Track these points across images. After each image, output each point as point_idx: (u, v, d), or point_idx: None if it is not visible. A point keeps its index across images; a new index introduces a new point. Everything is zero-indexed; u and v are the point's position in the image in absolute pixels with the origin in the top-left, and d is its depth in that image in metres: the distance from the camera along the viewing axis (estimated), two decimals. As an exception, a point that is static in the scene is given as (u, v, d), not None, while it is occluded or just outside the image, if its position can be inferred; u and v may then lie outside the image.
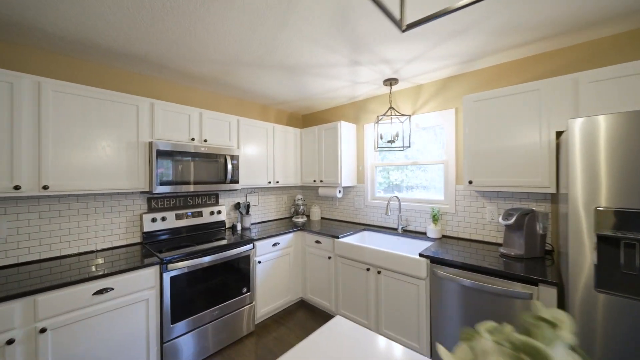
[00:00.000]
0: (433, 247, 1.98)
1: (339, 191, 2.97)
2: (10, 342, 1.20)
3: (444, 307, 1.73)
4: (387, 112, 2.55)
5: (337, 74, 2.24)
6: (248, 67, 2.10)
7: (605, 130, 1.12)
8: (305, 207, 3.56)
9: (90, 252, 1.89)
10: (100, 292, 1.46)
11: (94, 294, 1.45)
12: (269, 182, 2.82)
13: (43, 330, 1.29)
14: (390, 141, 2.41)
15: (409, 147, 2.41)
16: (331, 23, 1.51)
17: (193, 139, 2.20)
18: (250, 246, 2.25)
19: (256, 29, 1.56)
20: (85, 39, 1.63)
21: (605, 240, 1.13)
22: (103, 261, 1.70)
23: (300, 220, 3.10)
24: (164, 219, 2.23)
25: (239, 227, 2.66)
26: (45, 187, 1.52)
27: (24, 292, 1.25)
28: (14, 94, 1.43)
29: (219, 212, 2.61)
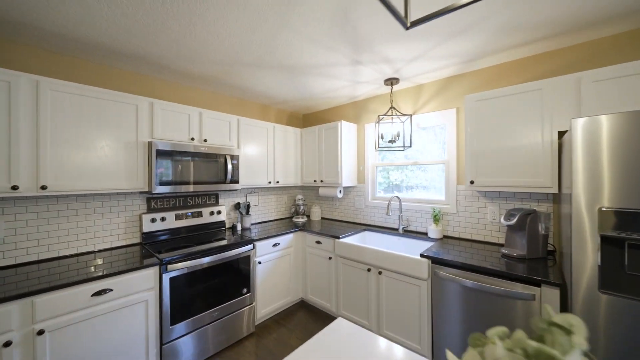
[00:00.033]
0: (434, 248, 1.97)
1: (340, 191, 2.95)
2: (8, 344, 1.19)
3: (446, 308, 1.72)
4: (388, 112, 2.54)
5: (337, 74, 2.23)
6: (248, 67, 2.08)
7: (609, 129, 1.11)
8: (306, 207, 3.54)
9: (89, 253, 1.88)
10: (99, 293, 1.45)
11: (93, 295, 1.43)
12: (269, 182, 2.80)
13: (41, 332, 1.27)
14: (391, 141, 2.40)
15: (409, 147, 2.40)
16: (332, 23, 1.49)
17: (193, 138, 2.18)
18: (250, 246, 2.23)
19: (256, 29, 1.55)
20: (84, 37, 1.62)
21: (609, 241, 1.12)
22: (102, 262, 1.69)
23: (300, 221, 3.09)
24: (163, 219, 2.21)
25: (239, 227, 2.65)
26: (44, 188, 1.51)
27: (21, 293, 1.24)
28: (12, 93, 1.41)
29: (219, 212, 2.59)
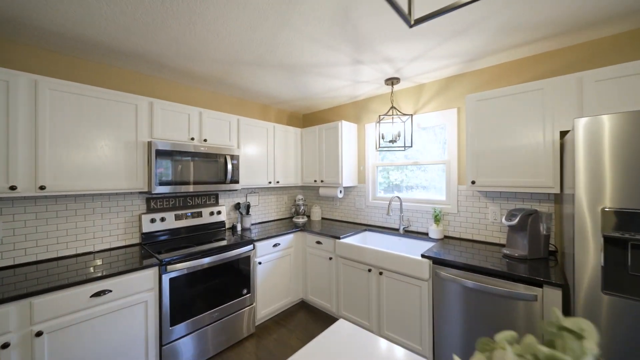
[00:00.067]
0: (435, 248, 1.96)
1: (340, 191, 2.94)
2: (6, 346, 1.18)
3: (447, 308, 1.71)
4: (388, 112, 2.53)
5: (338, 73, 2.22)
6: (248, 66, 2.07)
7: (612, 129, 1.10)
8: (306, 207, 3.53)
9: (88, 254, 1.87)
10: (98, 294, 1.44)
11: (92, 296, 1.42)
12: (269, 182, 2.79)
13: (39, 334, 1.26)
14: (391, 141, 2.39)
15: (410, 147, 2.39)
16: (332, 22, 1.49)
17: (193, 138, 2.17)
18: (250, 247, 2.22)
19: (257, 28, 1.54)
20: (83, 36, 1.61)
21: (612, 242, 1.11)
22: (101, 262, 1.68)
23: (300, 221, 3.08)
24: (163, 219, 2.20)
25: (239, 227, 2.64)
26: (42, 188, 1.49)
27: (19, 294, 1.22)
28: (10, 93, 1.40)
29: (219, 212, 2.58)
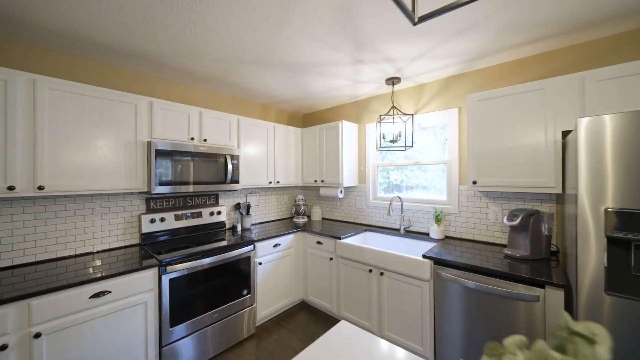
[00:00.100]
0: (436, 248, 1.95)
1: (341, 191, 2.93)
2: (3, 348, 1.17)
3: (448, 309, 1.70)
4: (389, 112, 2.52)
5: (339, 73, 2.21)
6: (248, 66, 2.06)
7: (616, 129, 1.09)
8: (306, 207, 3.53)
9: (88, 254, 1.85)
10: (97, 295, 1.43)
11: (91, 297, 1.41)
12: (270, 182, 2.78)
13: (37, 335, 1.25)
14: (392, 141, 2.38)
15: (411, 146, 2.38)
16: (333, 21, 1.48)
17: (193, 138, 2.16)
18: (250, 247, 2.21)
19: (257, 26, 1.53)
20: (82, 35, 1.60)
21: (615, 242, 1.10)
22: (100, 263, 1.67)
23: (301, 221, 3.06)
24: (162, 219, 2.19)
25: (239, 227, 2.63)
26: (41, 188, 1.48)
27: (17, 296, 1.21)
28: (8, 92, 1.39)
29: (219, 212, 2.57)
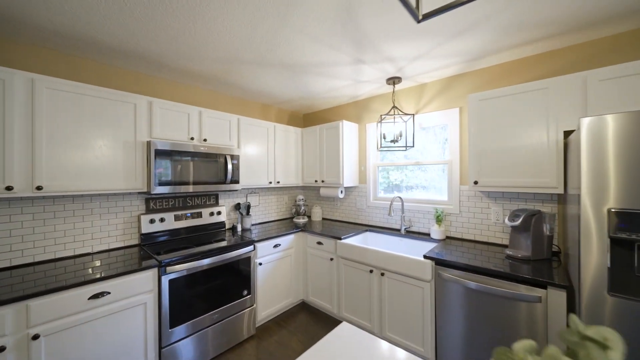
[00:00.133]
0: (437, 249, 1.95)
1: (341, 191, 2.92)
2: (1, 349, 1.15)
3: (449, 310, 1.69)
4: (390, 111, 2.51)
5: (339, 73, 2.20)
6: (249, 65, 2.05)
7: (618, 129, 1.08)
8: (307, 207, 3.52)
9: (87, 255, 1.84)
10: (96, 296, 1.41)
11: (90, 299, 1.40)
12: (270, 183, 2.77)
13: (36, 337, 1.24)
14: (393, 141, 2.37)
15: (412, 146, 2.37)
16: (334, 21, 1.47)
17: (192, 138, 2.15)
18: (250, 248, 2.20)
19: (257, 26, 1.52)
20: (82, 34, 1.58)
21: (618, 243, 1.09)
22: (99, 264, 1.65)
23: (301, 221, 3.05)
24: (162, 220, 2.18)
25: (239, 228, 2.62)
26: (39, 188, 1.47)
27: (15, 297, 1.20)
28: (6, 91, 1.38)
29: (219, 212, 2.56)
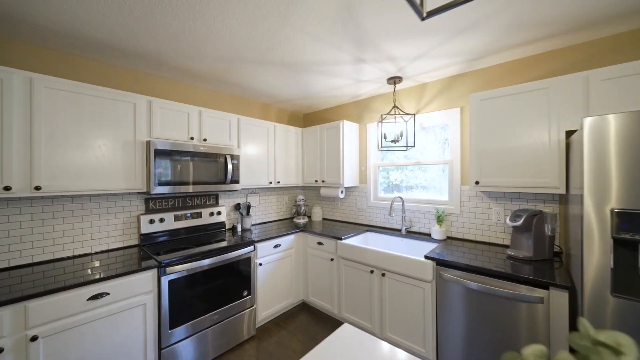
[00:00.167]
0: (438, 249, 1.94)
1: (341, 191, 2.91)
2: (-1, 351, 1.14)
3: (451, 310, 1.69)
4: (391, 111, 2.50)
5: (340, 72, 2.19)
6: (249, 64, 2.04)
7: (622, 129, 1.08)
8: (307, 207, 3.51)
9: (86, 255, 1.83)
10: (95, 297, 1.40)
11: (89, 299, 1.39)
12: (270, 183, 2.76)
13: (34, 339, 1.22)
14: (394, 140, 2.36)
15: (413, 146, 2.36)
16: (335, 20, 1.46)
17: (192, 138, 2.14)
18: (251, 248, 2.19)
19: (258, 25, 1.51)
20: (81, 33, 1.57)
21: (621, 243, 1.08)
22: (99, 264, 1.64)
23: (301, 221, 3.04)
24: (162, 220, 2.17)
25: (239, 228, 2.61)
26: (38, 188, 1.46)
27: (13, 298, 1.19)
28: (4, 90, 1.36)
29: (219, 213, 2.55)
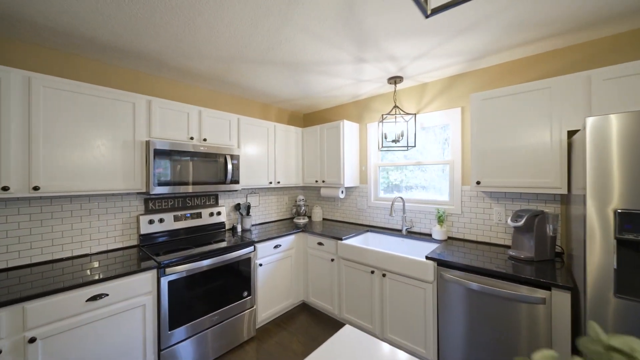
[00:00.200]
0: (439, 250, 1.93)
1: (342, 192, 2.91)
2: (-3, 353, 1.13)
3: (452, 311, 1.68)
4: (391, 111, 2.50)
5: (340, 72, 2.18)
6: (249, 64, 2.03)
7: (626, 129, 1.07)
8: (307, 208, 3.50)
9: (85, 256, 1.82)
10: (94, 298, 1.39)
11: (88, 301, 1.38)
12: (270, 183, 2.75)
13: (32, 340, 1.21)
14: (394, 140, 2.36)
15: (413, 146, 2.35)
16: (336, 19, 1.45)
17: (192, 137, 2.13)
18: (251, 248, 2.18)
19: (258, 24, 1.50)
20: (81, 33, 1.56)
21: (624, 244, 1.08)
22: (98, 265, 1.63)
23: (301, 222, 3.03)
24: (161, 220, 2.16)
25: (239, 228, 2.60)
26: (36, 188, 1.44)
27: (11, 299, 1.18)
28: (2, 90, 1.35)
29: (219, 213, 2.54)
